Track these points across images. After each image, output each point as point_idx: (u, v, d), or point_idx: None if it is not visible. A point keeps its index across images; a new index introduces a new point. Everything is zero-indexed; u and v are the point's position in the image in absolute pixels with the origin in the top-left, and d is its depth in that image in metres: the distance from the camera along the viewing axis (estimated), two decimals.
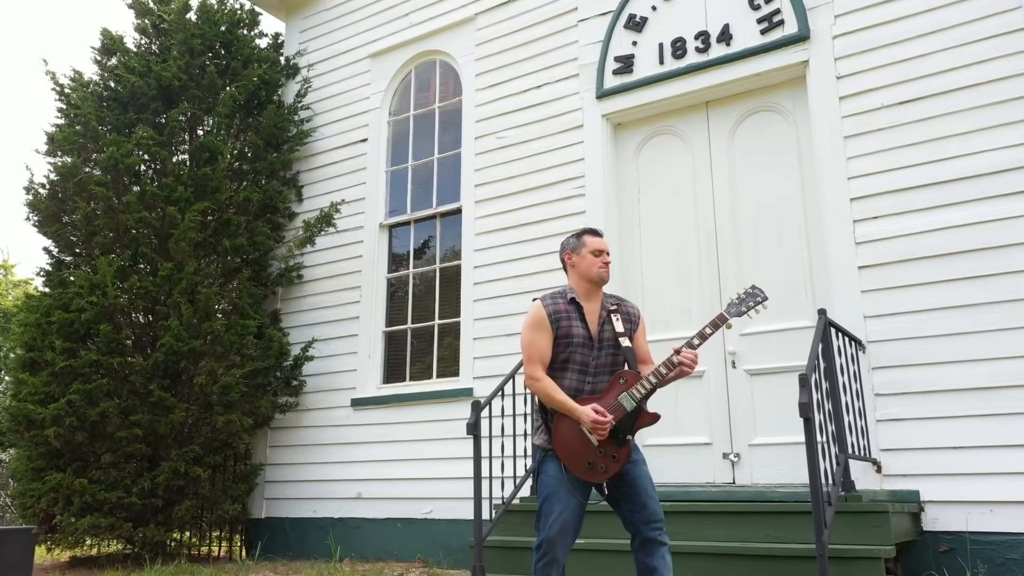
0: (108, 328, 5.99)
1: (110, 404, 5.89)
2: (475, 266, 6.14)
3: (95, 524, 5.82)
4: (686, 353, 2.93)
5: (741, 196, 5.29)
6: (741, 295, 3.11)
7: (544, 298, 3.12)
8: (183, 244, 6.23)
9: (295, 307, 7.04)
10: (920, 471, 4.31)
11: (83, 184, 6.36)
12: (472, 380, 5.91)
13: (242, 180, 7.06)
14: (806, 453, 3.33)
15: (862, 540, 3.59)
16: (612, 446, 2.92)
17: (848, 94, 4.87)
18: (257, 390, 6.48)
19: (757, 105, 5.36)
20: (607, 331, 3.07)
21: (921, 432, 4.34)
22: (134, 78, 6.70)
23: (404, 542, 5.91)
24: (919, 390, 4.39)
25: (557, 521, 2.89)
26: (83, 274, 6.21)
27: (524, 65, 6.26)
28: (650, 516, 2.92)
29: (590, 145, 5.78)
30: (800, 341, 4.89)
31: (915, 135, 4.62)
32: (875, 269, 4.62)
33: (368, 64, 7.20)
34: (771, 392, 4.94)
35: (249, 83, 6.99)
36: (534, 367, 3.02)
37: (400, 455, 6.11)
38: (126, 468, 6.00)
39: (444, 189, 6.64)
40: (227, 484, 6.46)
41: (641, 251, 5.59)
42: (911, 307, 4.48)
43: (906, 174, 4.61)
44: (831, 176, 4.84)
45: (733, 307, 3.07)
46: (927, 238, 4.50)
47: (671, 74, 5.52)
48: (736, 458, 4.98)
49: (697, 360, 2.95)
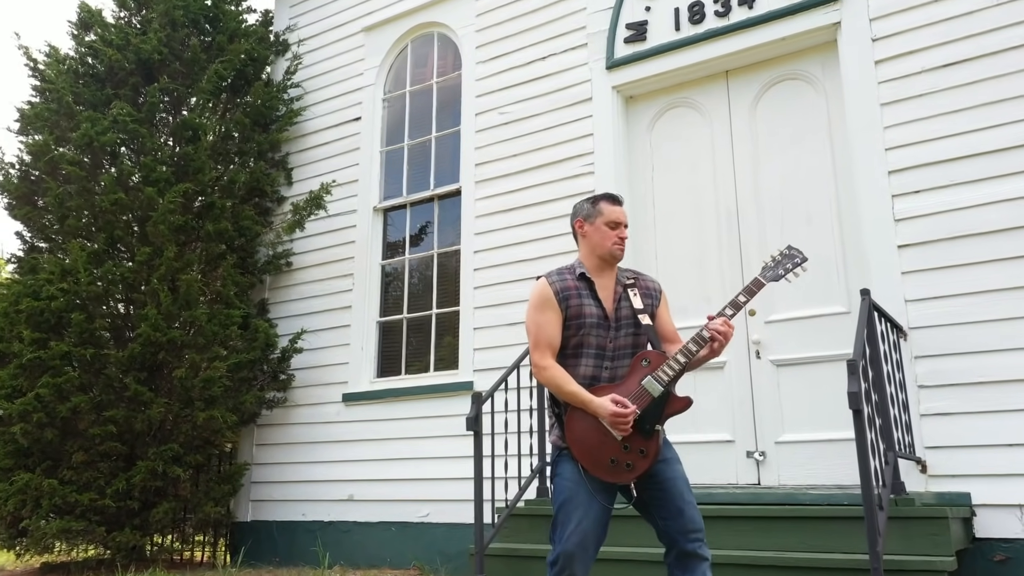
0: (81, 317, 5.55)
1: (82, 399, 5.45)
2: (475, 251, 5.71)
3: (65, 528, 5.38)
4: (717, 324, 2.50)
5: (765, 171, 4.86)
6: (777, 257, 2.67)
7: (550, 274, 2.70)
8: (162, 228, 5.79)
9: (283, 296, 6.61)
10: (970, 471, 3.88)
11: (55, 163, 5.93)
12: (472, 373, 5.48)
13: (228, 162, 6.63)
14: (856, 450, 2.91)
15: (917, 550, 3.16)
16: (638, 439, 2.49)
17: (885, 57, 4.44)
18: (242, 384, 6.05)
19: (782, 73, 4.93)
20: (624, 308, 2.65)
21: (971, 428, 3.91)
22: (111, 51, 6.27)
23: (399, 548, 5.48)
24: (968, 381, 3.96)
25: (576, 532, 2.45)
26: (54, 259, 5.78)
27: (528, 35, 5.83)
28: (688, 525, 2.48)
29: (600, 119, 5.35)
30: (832, 328, 4.47)
31: (960, 100, 4.19)
32: (917, 248, 4.19)
33: (362, 38, 6.77)
34: (799, 385, 4.51)
35: (235, 59, 6.56)
36: (542, 353, 2.59)
37: (395, 454, 5.67)
38: (100, 468, 5.57)
39: (442, 170, 6.21)
40: (209, 485, 6.03)
41: (655, 233, 5.16)
42: (958, 289, 4.05)
43: (950, 143, 4.18)
44: (866, 147, 4.41)
45: (769, 271, 2.64)
46: (975, 213, 4.07)
47: (688, 41, 5.09)
48: (761, 457, 4.55)
49: (732, 331, 2.52)
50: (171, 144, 6.44)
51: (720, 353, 2.53)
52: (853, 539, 3.39)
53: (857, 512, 3.45)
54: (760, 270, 2.66)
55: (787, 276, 2.63)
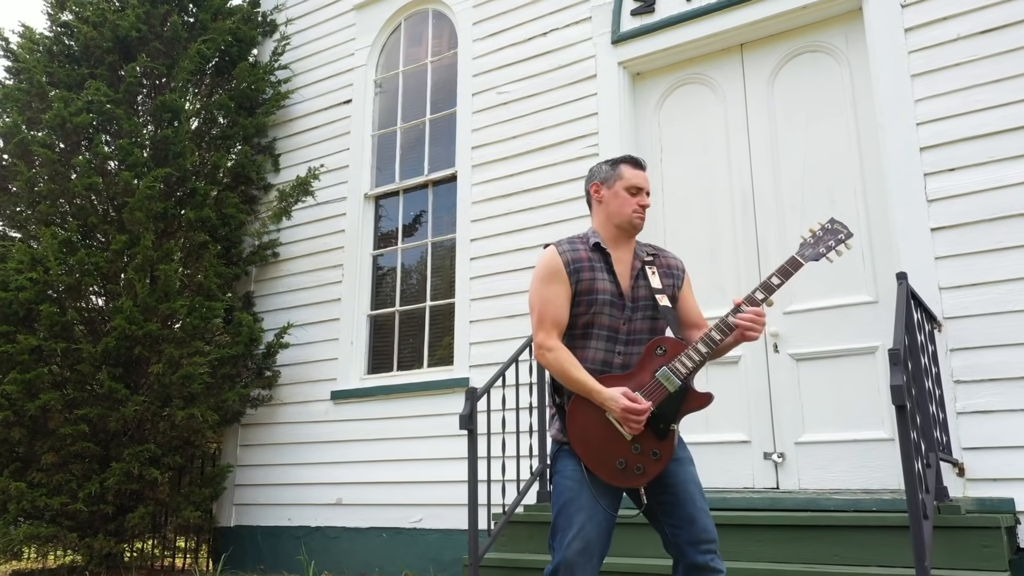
0: (51, 309, 5.19)
1: (53, 396, 5.10)
2: (472, 239, 5.36)
3: (34, 534, 5.05)
4: (745, 313, 2.15)
5: (783, 151, 4.51)
6: (817, 232, 2.30)
7: (560, 243, 2.35)
8: (139, 214, 5.44)
9: (270, 288, 6.26)
10: (1012, 474, 3.53)
11: (26, 146, 5.58)
12: (469, 369, 5.13)
13: (212, 147, 6.28)
14: (900, 451, 2.56)
15: (966, 563, 2.81)
16: (651, 439, 2.15)
17: (916, 24, 4.09)
18: (224, 381, 5.70)
19: (802, 45, 4.58)
20: (642, 287, 2.31)
21: (1013, 427, 3.56)
22: (87, 28, 5.92)
23: (389, 555, 5.13)
24: (1009, 376, 3.61)
25: (578, 538, 2.11)
26: (23, 247, 5.43)
27: (528, 10, 5.48)
28: (700, 534, 2.14)
29: (604, 98, 5.00)
30: (857, 319, 4.12)
31: (1000, 69, 3.84)
32: (952, 231, 3.84)
33: (353, 17, 6.43)
34: (821, 380, 4.16)
35: (219, 38, 6.21)
36: (547, 333, 2.25)
37: (386, 455, 5.32)
38: (72, 470, 5.22)
39: (437, 154, 5.86)
40: (190, 488, 5.67)
41: (665, 218, 4.81)
42: (998, 276, 3.70)
43: (989, 116, 3.83)
44: (895, 122, 4.06)
45: (808, 248, 2.27)
46: (1017, 192, 3.72)
47: (700, 12, 4.74)
48: (780, 459, 4.20)
49: (764, 320, 2.17)
50: (151, 128, 6.09)
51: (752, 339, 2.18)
52: (888, 550, 3.05)
53: (890, 520, 3.11)
54: (798, 247, 2.30)
55: (829, 255, 2.27)
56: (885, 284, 4.06)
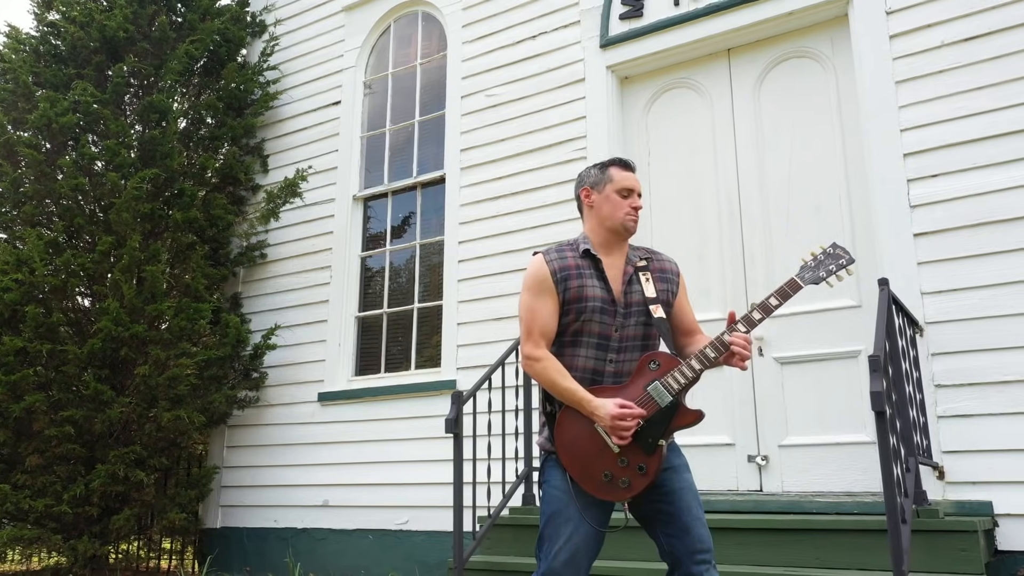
0: (36, 310, 5.16)
1: (38, 397, 5.08)
2: (460, 241, 5.37)
3: (18, 536, 5.01)
4: (735, 337, 2.13)
5: (770, 157, 4.54)
6: (819, 256, 2.26)
7: (547, 251, 2.33)
8: (126, 215, 5.42)
9: (257, 290, 6.25)
10: (991, 478, 3.57)
11: (11, 146, 5.55)
12: (456, 371, 5.14)
13: (200, 148, 6.26)
14: (879, 456, 2.58)
15: (943, 567, 2.85)
16: (639, 454, 2.14)
17: (901, 31, 4.12)
18: (211, 383, 5.69)
19: (788, 51, 4.61)
20: (635, 293, 2.28)
21: (992, 431, 3.60)
22: (74, 28, 5.89)
23: (375, 557, 5.13)
24: (989, 380, 3.65)
25: (565, 549, 2.12)
26: (9, 248, 5.40)
27: (517, 13, 5.49)
28: (696, 544, 2.15)
29: (593, 101, 5.02)
30: (840, 323, 4.16)
31: (984, 76, 3.87)
32: (934, 236, 3.88)
33: (342, 18, 6.42)
34: (805, 384, 4.19)
35: (207, 38, 6.19)
36: (535, 343, 2.24)
37: (373, 457, 5.32)
38: (56, 471, 5.20)
39: (426, 156, 5.86)
40: (176, 490, 5.66)
41: (651, 223, 4.83)
42: (979, 281, 3.74)
43: (972, 123, 3.87)
44: (879, 128, 4.09)
45: (808, 271, 2.24)
46: (998, 199, 3.76)
47: (688, 16, 4.76)
48: (764, 461, 4.23)
49: (750, 346, 2.17)
50: (138, 128, 6.07)
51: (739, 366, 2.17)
52: (868, 554, 3.08)
53: (870, 523, 3.14)
54: (798, 269, 2.27)
55: (829, 279, 2.22)
56: (869, 288, 4.09)
